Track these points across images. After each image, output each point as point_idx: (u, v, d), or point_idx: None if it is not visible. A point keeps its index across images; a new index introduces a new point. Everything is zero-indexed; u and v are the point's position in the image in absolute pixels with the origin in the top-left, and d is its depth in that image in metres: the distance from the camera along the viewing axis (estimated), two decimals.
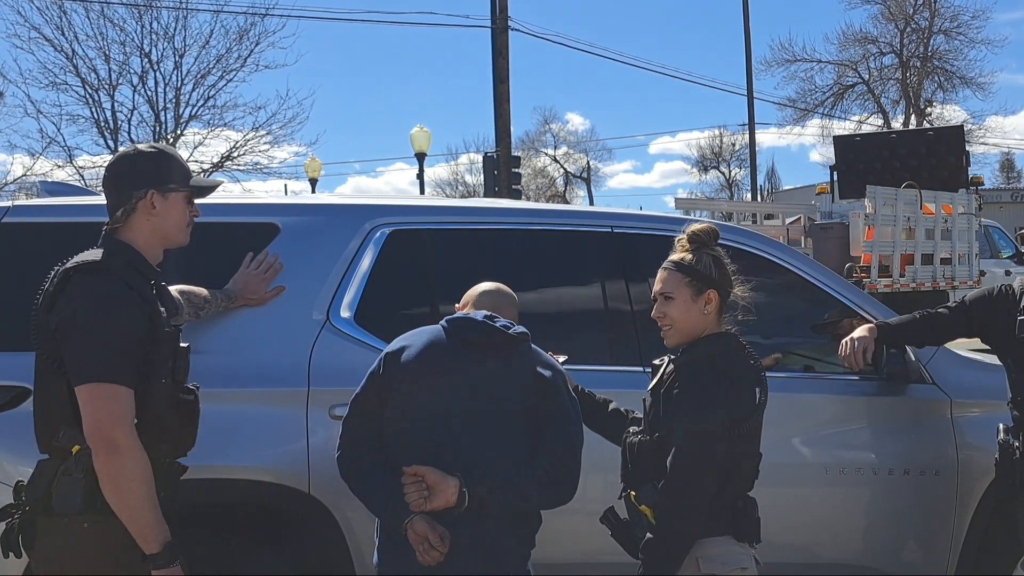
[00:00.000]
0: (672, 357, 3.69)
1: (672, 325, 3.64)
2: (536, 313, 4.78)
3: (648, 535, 3.44)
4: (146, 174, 3.39)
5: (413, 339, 3.65)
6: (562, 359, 3.93)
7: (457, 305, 3.88)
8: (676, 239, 3.76)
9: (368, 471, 3.55)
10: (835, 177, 18.92)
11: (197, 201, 3.55)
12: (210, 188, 3.65)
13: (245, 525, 4.30)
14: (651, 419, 3.61)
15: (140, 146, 3.54)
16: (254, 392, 4.28)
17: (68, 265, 3.25)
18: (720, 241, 3.78)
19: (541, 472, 3.47)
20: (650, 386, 3.69)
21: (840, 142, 20.19)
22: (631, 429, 3.70)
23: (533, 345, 3.67)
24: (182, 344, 3.45)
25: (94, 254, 3.28)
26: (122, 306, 3.18)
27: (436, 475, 3.37)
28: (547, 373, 3.59)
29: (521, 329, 3.63)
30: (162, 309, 3.38)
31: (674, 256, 3.70)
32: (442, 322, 3.66)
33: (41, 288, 3.29)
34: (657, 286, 3.69)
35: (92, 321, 3.13)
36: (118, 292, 3.20)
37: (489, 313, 3.64)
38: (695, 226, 3.74)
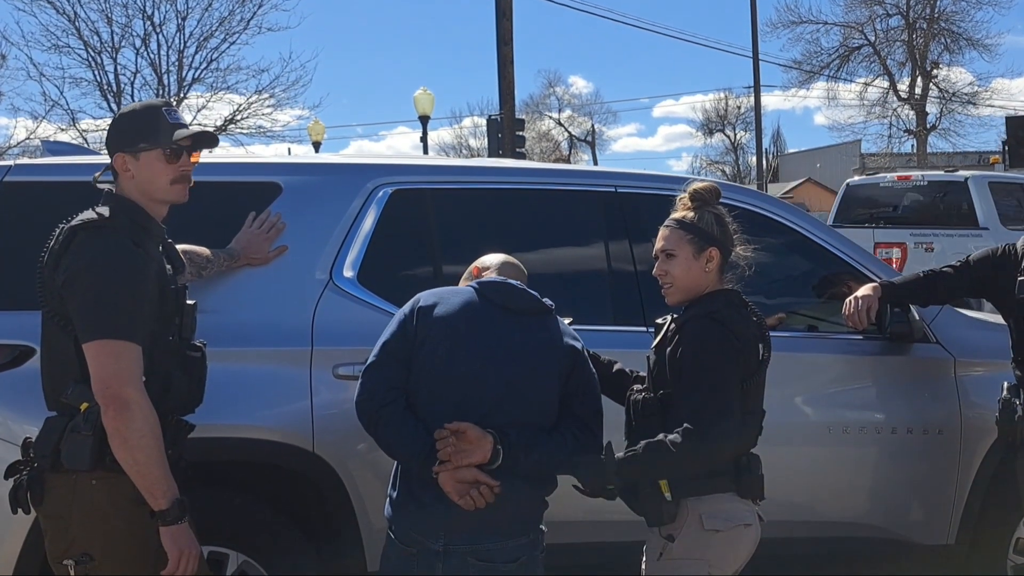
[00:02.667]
0: (675, 316, 3.69)
1: (673, 283, 3.64)
2: (539, 273, 4.78)
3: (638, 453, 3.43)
4: (117, 137, 3.38)
5: (445, 297, 3.60)
6: (567, 321, 3.94)
7: (475, 266, 3.83)
8: (678, 197, 3.75)
9: (399, 418, 3.45)
10: (1007, 149, 23.55)
11: (203, 158, 3.53)
12: (199, 138, 3.47)
13: (249, 483, 4.32)
14: (655, 376, 3.62)
15: (132, 104, 3.53)
16: (257, 351, 4.29)
17: (73, 223, 3.24)
18: (722, 200, 3.77)
19: (571, 438, 3.51)
20: (654, 344, 3.69)
21: (1012, 122, 24.29)
22: (635, 387, 3.70)
23: (559, 318, 3.71)
24: (188, 301, 3.46)
25: (100, 211, 3.28)
26: (128, 262, 3.18)
27: (476, 431, 3.36)
28: (577, 344, 3.63)
29: (551, 303, 3.67)
30: (168, 266, 3.38)
31: (676, 214, 3.70)
32: (473, 284, 3.64)
33: (46, 247, 3.29)
34: (659, 244, 3.68)
35: (98, 278, 3.13)
36: (124, 249, 3.19)
37: (519, 282, 3.67)
38: (697, 184, 3.73)
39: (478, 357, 3.49)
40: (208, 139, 3.55)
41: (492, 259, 3.83)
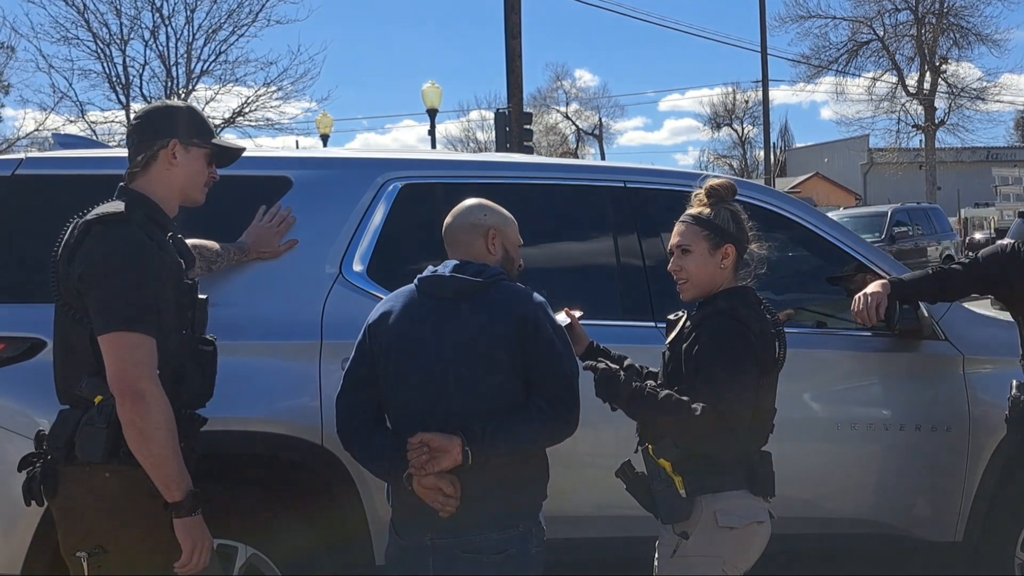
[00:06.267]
0: (690, 313, 3.68)
1: (688, 279, 3.63)
2: (548, 268, 4.78)
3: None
4: (172, 125, 3.42)
5: (392, 303, 3.60)
6: (578, 315, 3.93)
7: None
8: (693, 194, 3.74)
9: (367, 438, 3.54)
10: None
11: None
12: (232, 152, 3.63)
13: (258, 476, 4.33)
14: (670, 372, 3.62)
15: (170, 101, 3.57)
16: (267, 345, 4.30)
17: (88, 217, 3.25)
18: (735, 197, 3.76)
19: (537, 411, 3.41)
20: (668, 340, 3.69)
21: None
22: (648, 383, 3.70)
23: (508, 283, 3.57)
24: (200, 296, 3.47)
25: (114, 206, 3.29)
26: (143, 256, 3.19)
27: (440, 439, 3.33)
28: (526, 311, 3.48)
29: (494, 271, 3.54)
30: (180, 261, 3.39)
31: (692, 210, 3.69)
32: (415, 280, 3.60)
33: (59, 240, 3.30)
34: (674, 239, 3.68)
35: (114, 271, 3.14)
36: (139, 242, 3.21)
37: (459, 262, 3.56)
38: (713, 181, 3.72)
39: (425, 358, 3.46)
40: (239, 154, 3.70)
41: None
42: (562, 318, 3.84)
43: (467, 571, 3.41)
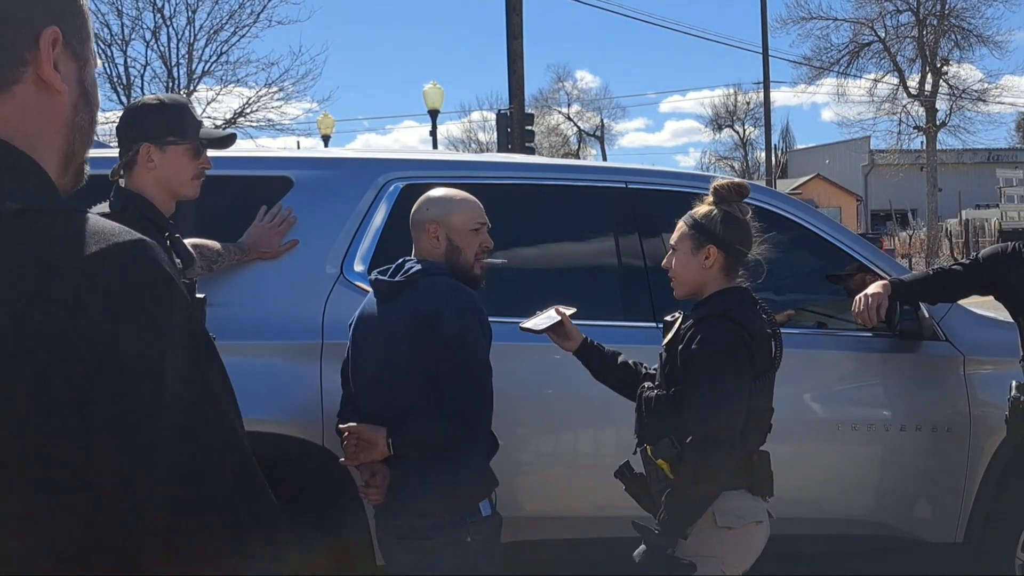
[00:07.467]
0: (686, 313, 3.69)
1: (674, 277, 3.66)
2: (549, 268, 4.79)
3: (668, 489, 3.45)
4: (143, 128, 3.40)
5: (362, 305, 3.81)
6: (570, 312, 3.93)
7: None
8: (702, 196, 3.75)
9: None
10: None
11: (213, 153, 3.54)
12: (220, 140, 3.59)
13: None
14: (667, 373, 3.62)
15: (146, 98, 3.55)
16: (268, 345, 4.30)
17: None
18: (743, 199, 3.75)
19: (442, 407, 3.48)
20: (665, 341, 3.69)
21: None
22: (646, 384, 3.70)
23: (429, 280, 3.57)
24: (198, 295, 3.47)
25: (109, 206, 3.29)
26: None
27: (368, 431, 3.52)
28: (428, 307, 3.50)
29: (415, 269, 3.58)
30: (177, 260, 3.39)
31: (692, 209, 3.70)
32: None
33: None
34: (672, 237, 3.71)
35: None
36: None
37: (403, 260, 3.68)
38: (719, 181, 3.72)
39: (365, 356, 3.67)
40: (231, 140, 3.68)
41: None
42: (552, 315, 3.86)
43: (400, 555, 3.60)
